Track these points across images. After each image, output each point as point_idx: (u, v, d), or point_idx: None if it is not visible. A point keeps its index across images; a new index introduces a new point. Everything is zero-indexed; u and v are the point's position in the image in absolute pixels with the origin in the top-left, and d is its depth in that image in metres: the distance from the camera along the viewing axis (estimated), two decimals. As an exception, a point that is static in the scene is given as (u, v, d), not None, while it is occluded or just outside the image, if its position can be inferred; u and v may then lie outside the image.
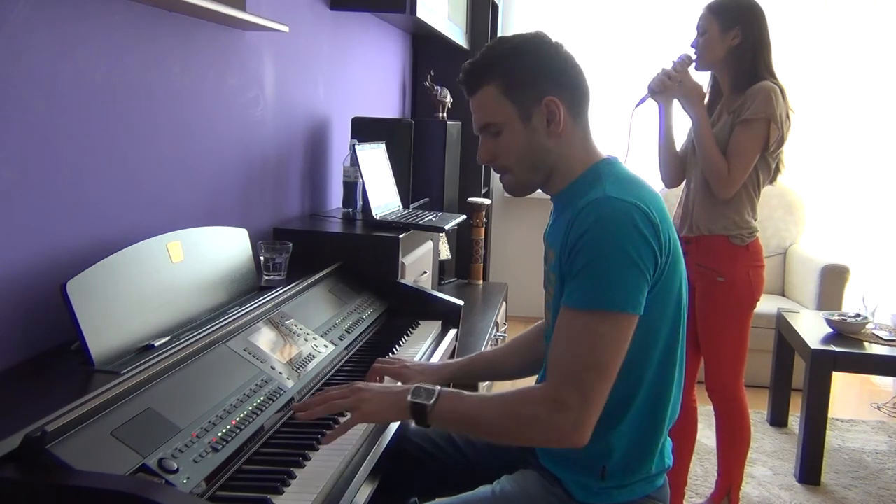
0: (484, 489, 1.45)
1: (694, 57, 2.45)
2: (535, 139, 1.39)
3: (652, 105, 2.52)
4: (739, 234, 2.42)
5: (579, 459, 1.40)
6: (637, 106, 2.46)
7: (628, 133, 2.39)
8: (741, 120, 2.34)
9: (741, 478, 2.63)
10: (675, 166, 2.57)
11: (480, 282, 3.74)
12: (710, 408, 2.57)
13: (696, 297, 2.43)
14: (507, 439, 1.41)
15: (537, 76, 1.38)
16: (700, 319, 2.46)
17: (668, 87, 2.45)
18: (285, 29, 2.02)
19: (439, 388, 1.36)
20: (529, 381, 1.47)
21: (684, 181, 2.59)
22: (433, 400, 1.33)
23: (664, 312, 1.37)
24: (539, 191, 1.48)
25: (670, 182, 2.61)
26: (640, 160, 4.16)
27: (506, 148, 1.41)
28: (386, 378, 1.67)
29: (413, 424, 1.39)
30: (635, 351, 1.33)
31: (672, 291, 1.37)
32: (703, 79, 2.54)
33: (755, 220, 2.46)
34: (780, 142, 2.37)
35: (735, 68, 2.40)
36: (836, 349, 3.02)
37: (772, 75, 2.39)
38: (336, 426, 1.36)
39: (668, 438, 1.48)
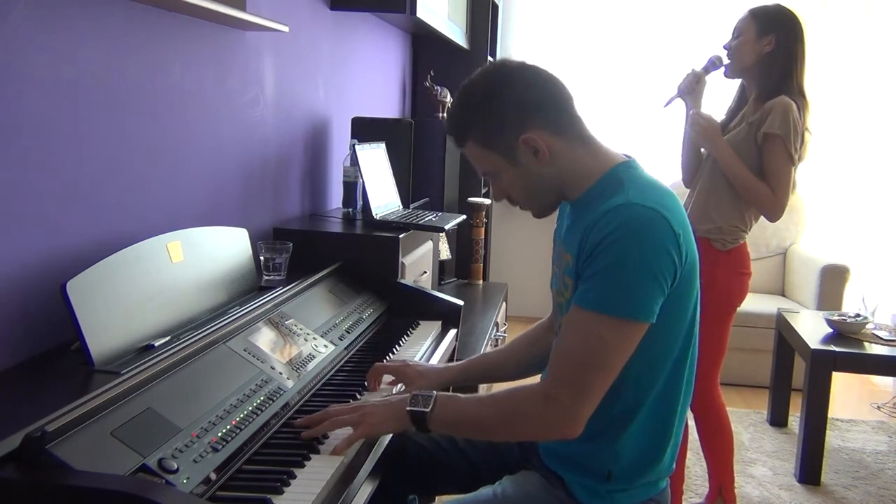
0: (485, 490, 1.45)
1: (725, 60, 2.45)
2: (529, 173, 1.40)
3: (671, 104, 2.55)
4: (721, 239, 2.42)
5: (585, 462, 1.41)
6: (665, 106, 2.50)
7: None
8: (763, 135, 2.33)
9: (731, 476, 2.63)
10: (697, 167, 2.57)
11: (480, 282, 3.73)
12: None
13: None
14: (503, 436, 1.47)
15: (506, 120, 1.37)
16: None
17: (696, 89, 2.47)
18: (285, 29, 2.02)
19: (435, 392, 1.38)
20: (531, 382, 1.47)
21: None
22: (431, 406, 1.36)
23: (678, 321, 1.36)
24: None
25: (689, 181, 2.61)
26: (653, 157, 4.20)
27: (509, 187, 1.44)
28: (384, 382, 1.68)
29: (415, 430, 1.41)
30: (647, 359, 1.34)
31: (687, 300, 1.37)
32: (730, 87, 2.55)
33: (745, 228, 2.45)
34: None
35: (763, 77, 2.39)
36: (836, 349, 3.02)
37: (799, 92, 2.37)
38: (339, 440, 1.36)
39: None
